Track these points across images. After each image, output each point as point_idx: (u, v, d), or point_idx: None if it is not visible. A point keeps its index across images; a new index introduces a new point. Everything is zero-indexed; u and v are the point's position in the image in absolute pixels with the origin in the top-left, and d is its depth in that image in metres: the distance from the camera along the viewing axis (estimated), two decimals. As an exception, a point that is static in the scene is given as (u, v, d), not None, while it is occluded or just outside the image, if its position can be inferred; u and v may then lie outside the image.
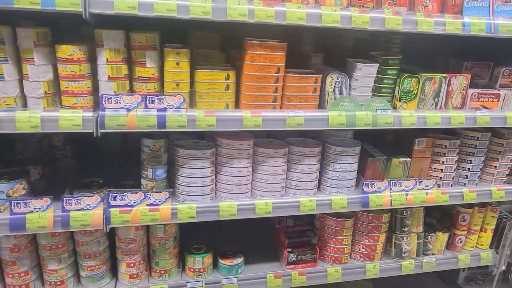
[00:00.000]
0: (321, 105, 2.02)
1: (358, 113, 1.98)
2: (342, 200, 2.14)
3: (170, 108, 1.75)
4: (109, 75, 1.70)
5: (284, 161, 2.06)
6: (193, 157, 1.91)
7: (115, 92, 1.72)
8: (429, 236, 2.47)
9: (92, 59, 1.71)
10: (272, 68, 1.85)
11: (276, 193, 2.09)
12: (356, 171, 2.20)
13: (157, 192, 1.89)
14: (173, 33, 1.91)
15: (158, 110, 1.73)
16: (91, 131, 1.66)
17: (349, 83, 2.02)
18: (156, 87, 1.79)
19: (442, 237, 2.51)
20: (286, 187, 2.13)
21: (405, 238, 2.39)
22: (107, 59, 1.68)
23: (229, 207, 1.98)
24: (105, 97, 1.68)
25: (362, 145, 2.19)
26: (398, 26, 1.86)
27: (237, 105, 1.93)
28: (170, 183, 2.03)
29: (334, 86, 2.00)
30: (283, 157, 2.04)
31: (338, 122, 1.95)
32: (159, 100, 1.73)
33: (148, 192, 1.88)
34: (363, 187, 2.18)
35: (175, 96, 1.75)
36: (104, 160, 2.29)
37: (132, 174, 2.05)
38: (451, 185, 2.37)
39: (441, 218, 2.62)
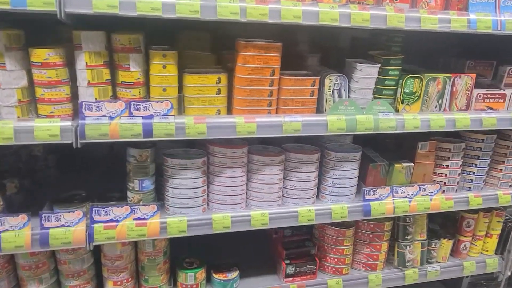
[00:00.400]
0: (319, 109, 1.90)
1: (358, 117, 1.86)
2: (342, 209, 2.02)
3: (157, 115, 1.61)
4: (89, 81, 1.56)
5: (281, 169, 1.93)
6: (183, 167, 1.78)
7: (96, 98, 1.58)
8: (433, 244, 2.36)
9: (70, 63, 1.57)
10: (267, 71, 1.72)
11: (272, 203, 1.96)
12: (357, 177, 2.08)
13: (144, 206, 1.76)
14: (160, 34, 1.78)
15: (144, 117, 1.60)
16: (70, 141, 1.52)
17: (348, 85, 1.89)
18: (141, 92, 1.65)
19: (446, 244, 2.40)
20: (283, 196, 2.00)
21: (408, 246, 2.28)
22: (86, 63, 1.54)
23: (222, 219, 1.85)
24: (85, 104, 1.54)
25: (362, 150, 2.07)
26: (401, 24, 1.74)
27: (229, 110, 1.80)
28: (159, 195, 1.90)
29: (333, 89, 1.87)
30: (280, 165, 1.92)
31: (338, 127, 1.83)
32: (145, 106, 1.60)
33: (135, 206, 1.75)
34: (365, 195, 2.06)
35: (162, 102, 1.61)
36: (89, 170, 2.14)
37: (119, 184, 1.90)
38: (456, 190, 2.26)
39: (444, 223, 2.51)
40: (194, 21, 1.53)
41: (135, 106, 1.59)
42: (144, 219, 1.75)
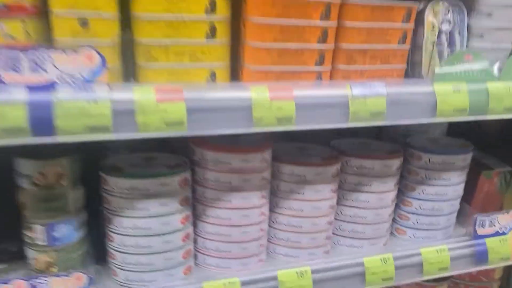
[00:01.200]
0: (409, 72, 0.98)
1: (492, 87, 0.94)
2: (439, 255, 1.12)
3: (66, 84, 0.68)
4: None
5: (334, 188, 1.02)
6: (141, 195, 0.86)
7: None
8: (560, 293, 1.49)
9: None
10: (318, -17, 0.79)
11: (316, 249, 1.05)
12: (461, 197, 1.18)
13: (59, 276, 0.84)
14: None
15: (32, 89, 0.66)
16: None
17: (467, 24, 0.97)
18: (31, 32, 0.72)
19: None
20: (333, 234, 1.10)
21: (526, 301, 1.40)
22: None
23: (224, 290, 0.94)
24: None
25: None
26: None
27: (235, 72, 0.87)
28: (97, 245, 0.98)
29: (439, 30, 0.95)
30: (333, 182, 1.00)
31: (455, 107, 0.91)
32: (37, 60, 0.67)
33: (38, 278, 0.83)
34: (476, 227, 1.15)
35: (76, 52, 0.68)
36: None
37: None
38: None
39: None
40: None
41: None
42: (60, 304, 0.84)
